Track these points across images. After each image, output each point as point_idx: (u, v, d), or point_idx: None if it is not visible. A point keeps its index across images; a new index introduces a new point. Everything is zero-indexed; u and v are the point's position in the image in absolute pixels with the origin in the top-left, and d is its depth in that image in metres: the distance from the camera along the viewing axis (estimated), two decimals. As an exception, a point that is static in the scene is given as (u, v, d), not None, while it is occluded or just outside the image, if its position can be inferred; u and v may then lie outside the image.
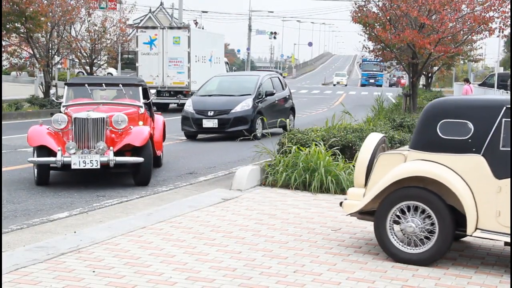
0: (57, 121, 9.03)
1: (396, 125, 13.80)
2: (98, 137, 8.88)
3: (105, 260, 5.43)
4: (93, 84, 10.38)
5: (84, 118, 8.89)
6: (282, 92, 17.88)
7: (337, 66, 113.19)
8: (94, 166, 8.66)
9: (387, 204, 5.68)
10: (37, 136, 8.89)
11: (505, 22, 16.59)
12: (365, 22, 18.35)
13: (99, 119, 8.93)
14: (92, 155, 8.70)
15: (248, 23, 72.22)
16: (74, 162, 8.62)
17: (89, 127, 8.87)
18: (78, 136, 8.86)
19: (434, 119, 5.67)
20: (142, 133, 9.09)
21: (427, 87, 34.44)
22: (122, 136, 9.08)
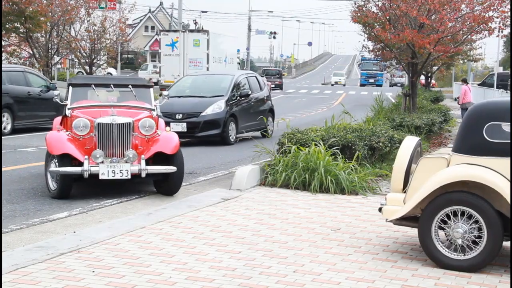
0: (79, 127, 8.17)
1: (395, 125, 13.79)
2: (124, 144, 8.12)
3: (104, 260, 5.43)
4: (100, 84, 9.34)
5: (109, 123, 8.12)
6: (260, 93, 16.68)
7: (336, 65, 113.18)
8: (124, 176, 7.91)
9: (432, 210, 5.52)
10: (59, 143, 8.01)
11: (505, 22, 16.57)
12: (364, 22, 18.35)
13: (125, 124, 8.17)
14: (122, 164, 7.92)
15: (247, 23, 72.24)
16: (103, 172, 7.84)
17: (113, 133, 8.11)
18: (102, 143, 8.08)
19: (480, 122, 5.50)
20: (173, 140, 8.32)
21: (427, 87, 34.43)
22: (149, 143, 8.31)
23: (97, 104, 8.86)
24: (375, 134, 10.82)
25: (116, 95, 9.33)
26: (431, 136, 15.98)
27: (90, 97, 9.12)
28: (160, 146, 8.24)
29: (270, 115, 16.68)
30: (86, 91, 9.18)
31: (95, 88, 9.10)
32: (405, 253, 5.97)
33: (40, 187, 8.82)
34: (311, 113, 26.79)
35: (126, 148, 8.11)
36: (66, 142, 8.03)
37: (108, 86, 9.24)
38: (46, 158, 8.34)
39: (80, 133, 8.17)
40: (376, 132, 10.98)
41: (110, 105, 8.88)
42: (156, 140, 8.34)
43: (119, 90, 9.29)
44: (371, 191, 8.99)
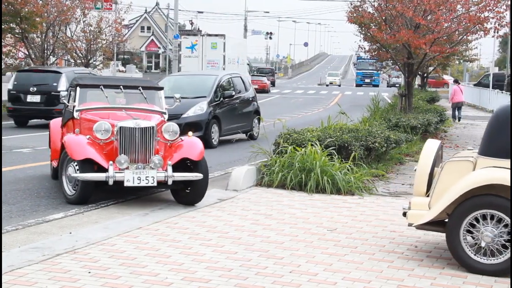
0: (101, 130, 7.68)
1: (391, 125, 13.81)
2: (147, 149, 7.68)
3: (100, 261, 5.42)
4: (109, 86, 8.89)
5: (132, 127, 7.67)
6: (245, 94, 16.04)
7: (333, 66, 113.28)
8: (150, 183, 7.47)
9: (460, 214, 5.42)
10: (80, 147, 7.56)
11: (500, 22, 16.61)
12: (360, 22, 18.37)
13: (148, 128, 7.72)
14: (148, 170, 7.48)
15: (243, 23, 72.23)
16: (128, 179, 7.40)
17: (136, 138, 7.66)
18: (124, 148, 7.63)
19: (506, 125, 5.40)
20: (198, 146, 7.88)
21: (423, 87, 34.49)
22: (171, 148, 7.88)
23: (107, 106, 8.52)
24: (371, 134, 10.83)
25: (125, 97, 8.95)
26: (427, 136, 15.99)
27: (97, 98, 8.73)
28: (185, 152, 7.78)
29: (255, 117, 16.16)
30: (94, 92, 8.78)
31: (104, 90, 8.71)
32: (401, 253, 5.97)
33: (36, 188, 8.80)
34: (307, 113, 26.80)
35: (149, 153, 7.67)
36: (88, 147, 7.57)
37: (117, 88, 8.88)
38: (62, 162, 7.88)
39: (101, 137, 7.69)
40: (372, 132, 10.99)
41: (121, 107, 8.54)
42: (179, 146, 7.87)
43: (129, 92, 8.90)
44: (367, 192, 9.00)
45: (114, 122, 7.77)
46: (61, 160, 7.95)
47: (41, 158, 11.30)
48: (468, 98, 38.09)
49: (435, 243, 6.37)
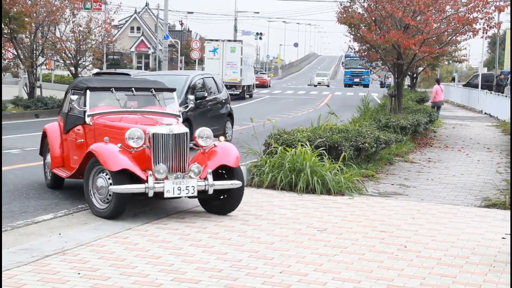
0: (133, 138, 7.08)
1: (381, 126, 13.85)
2: (182, 156, 7.17)
3: (90, 262, 5.40)
4: (121, 88, 8.39)
5: (165, 134, 7.13)
6: (218, 96, 15.52)
7: (323, 66, 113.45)
8: (190, 193, 7.02)
9: None
10: (115, 157, 6.94)
11: (489, 23, 16.70)
12: (350, 23, 18.41)
13: (182, 134, 7.20)
14: (187, 180, 7.01)
15: (234, 23, 72.18)
16: (168, 190, 6.91)
17: (169, 145, 7.13)
18: (157, 156, 7.10)
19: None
20: (233, 151, 7.45)
21: (412, 88, 34.59)
22: (204, 155, 7.41)
23: (120, 110, 8.09)
24: (361, 134, 10.86)
25: (137, 100, 8.49)
26: (416, 136, 16.06)
27: (107, 102, 8.26)
28: (223, 158, 7.33)
29: (229, 120, 15.58)
30: (103, 95, 8.29)
31: (116, 93, 8.24)
32: (391, 253, 5.99)
33: (25, 189, 8.75)
34: (297, 113, 26.83)
35: (183, 161, 7.17)
36: (123, 156, 6.97)
37: (129, 90, 8.39)
38: (88, 173, 7.23)
39: (135, 145, 7.08)
40: (362, 132, 11.02)
41: (136, 111, 8.14)
42: (213, 152, 7.40)
43: (141, 95, 8.46)
44: (357, 192, 9.01)
45: (145, 128, 7.18)
46: (87, 170, 7.24)
47: (31, 159, 11.25)
48: (457, 99, 38.27)
49: (424, 244, 6.39)
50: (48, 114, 22.38)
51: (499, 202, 8.53)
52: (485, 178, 10.79)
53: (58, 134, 8.79)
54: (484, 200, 8.74)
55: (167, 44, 39.15)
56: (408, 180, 10.45)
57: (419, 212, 7.92)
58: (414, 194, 9.21)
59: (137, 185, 6.87)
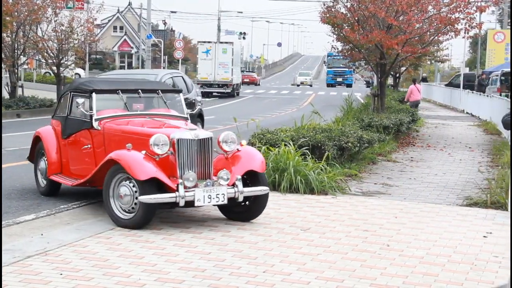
0: (158, 144, 6.69)
1: (364, 125, 13.91)
2: (206, 163, 6.83)
3: (72, 263, 5.37)
4: (127, 90, 8.05)
5: (190, 139, 6.78)
6: (187, 96, 14.90)
7: (306, 66, 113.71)
8: (221, 201, 6.69)
9: None
10: (142, 165, 6.54)
11: (470, 23, 16.84)
12: (333, 23, 18.45)
13: (207, 139, 6.87)
14: (217, 187, 6.68)
15: (217, 23, 72.12)
16: (198, 198, 6.57)
17: (194, 151, 6.78)
18: (182, 163, 6.74)
19: None
20: (258, 156, 7.20)
21: (395, 87, 34.78)
22: (228, 160, 7.07)
23: (129, 114, 7.77)
24: (344, 134, 10.90)
25: (143, 102, 8.17)
26: (399, 136, 16.16)
27: (112, 104, 7.91)
28: (249, 164, 7.00)
29: (199, 120, 15.22)
30: (108, 97, 7.94)
31: (123, 95, 7.90)
32: (373, 252, 6.01)
33: (6, 189, 8.68)
34: (280, 113, 26.86)
35: (208, 167, 6.83)
36: (150, 164, 6.59)
37: (135, 92, 8.06)
38: (108, 181, 6.83)
39: (160, 152, 6.69)
40: (345, 132, 11.06)
41: (145, 114, 7.84)
42: (237, 157, 7.06)
43: (147, 97, 8.18)
44: (341, 191, 9.04)
45: (169, 134, 6.83)
46: (107, 179, 6.84)
47: (12, 159, 11.15)
48: (439, 98, 38.52)
49: (407, 242, 6.43)
50: (30, 114, 22.21)
51: (480, 201, 8.60)
52: (466, 177, 10.87)
53: (54, 139, 8.35)
54: (466, 199, 8.81)
55: (150, 43, 39.21)
56: (391, 179, 10.50)
57: (401, 211, 7.96)
58: (397, 193, 9.26)
59: (167, 195, 6.48)
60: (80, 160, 7.90)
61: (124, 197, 6.66)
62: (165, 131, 6.97)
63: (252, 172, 6.99)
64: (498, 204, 8.40)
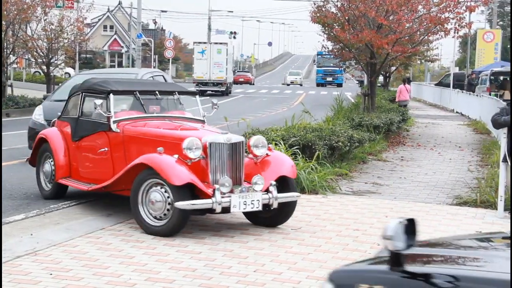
0: (192, 148, 6.43)
1: (355, 125, 13.93)
2: (238, 168, 6.63)
3: (62, 263, 5.35)
4: (144, 91, 7.76)
5: (222, 143, 6.57)
6: None
7: (297, 65, 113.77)
8: (255, 207, 6.45)
9: None
10: (178, 170, 6.29)
11: (460, 23, 16.91)
12: (324, 22, 18.48)
13: (239, 143, 6.67)
14: (252, 193, 6.45)
15: (207, 22, 72.05)
16: (234, 205, 6.34)
17: (225, 155, 6.57)
18: (214, 167, 6.52)
19: None
20: (289, 161, 7.04)
21: (385, 87, 34.86)
22: (257, 165, 6.86)
23: (148, 116, 7.50)
24: (334, 133, 10.91)
25: (159, 104, 7.90)
26: (389, 135, 16.20)
27: (133, 107, 7.68)
28: (280, 169, 6.81)
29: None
30: (128, 99, 7.72)
31: (141, 97, 7.62)
32: (364, 251, 6.03)
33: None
34: (271, 113, 26.86)
35: (239, 173, 6.64)
36: (184, 169, 6.33)
37: (152, 94, 7.81)
38: (138, 186, 6.52)
39: (193, 156, 6.43)
40: (335, 131, 11.08)
41: (164, 116, 7.60)
42: (267, 162, 6.86)
43: (164, 98, 7.94)
44: (331, 190, 9.06)
45: (200, 137, 6.59)
46: (136, 184, 6.53)
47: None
48: (429, 98, 38.64)
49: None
50: (19, 113, 22.10)
51: (470, 200, 8.63)
52: (456, 176, 10.92)
53: (62, 141, 8.02)
54: (456, 198, 8.85)
55: (141, 43, 39.03)
56: (381, 178, 10.53)
57: (392, 211, 7.99)
58: (387, 193, 9.28)
59: (203, 201, 6.25)
60: (94, 163, 7.58)
61: (155, 203, 6.38)
62: (197, 134, 6.72)
63: (282, 177, 6.78)
64: (487, 203, 8.44)
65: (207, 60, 40.76)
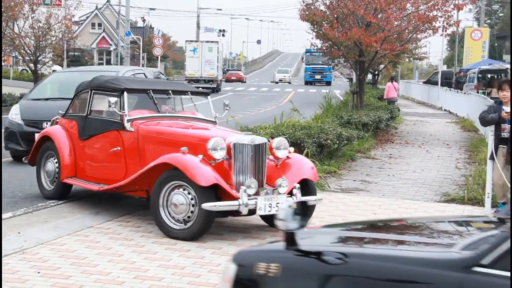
0: (217, 149, 6.27)
1: (343, 122, 13.96)
2: (261, 169, 6.46)
3: (50, 261, 5.33)
4: (157, 90, 7.60)
5: (247, 144, 6.39)
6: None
7: (285, 63, 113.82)
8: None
9: None
10: (204, 171, 6.11)
11: (448, 21, 16.99)
12: (313, 20, 18.52)
13: (262, 145, 6.50)
14: (276, 196, 6.33)
15: (196, 20, 71.94)
16: (260, 207, 6.19)
17: (249, 157, 6.39)
18: (238, 169, 6.36)
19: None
20: (309, 164, 6.94)
21: (374, 85, 34.96)
22: (278, 167, 6.71)
23: (162, 115, 7.32)
24: (323, 131, 10.93)
25: (171, 104, 7.75)
26: (378, 133, 16.25)
27: (146, 106, 7.45)
28: (302, 172, 6.68)
29: None
30: (141, 98, 7.51)
31: (154, 95, 7.43)
32: (353, 248, 6.04)
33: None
34: (260, 110, 26.86)
35: (261, 175, 6.46)
36: (210, 170, 6.17)
37: (165, 93, 7.67)
38: (159, 188, 6.31)
39: (217, 156, 6.26)
40: (324, 129, 11.10)
41: (177, 116, 7.44)
42: (288, 165, 6.73)
43: (177, 98, 7.77)
44: (320, 188, 9.07)
45: (224, 138, 6.44)
46: (158, 185, 6.32)
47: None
48: (417, 96, 38.80)
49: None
50: (6, 111, 21.94)
51: (458, 197, 8.68)
52: (444, 174, 10.97)
53: (67, 140, 7.80)
54: (444, 196, 8.89)
55: (129, 40, 38.89)
56: (370, 176, 10.56)
57: (380, 208, 8.01)
58: (376, 190, 9.31)
59: (230, 202, 6.09)
60: (104, 163, 7.34)
61: (178, 206, 6.19)
62: (221, 134, 6.59)
63: (303, 180, 6.65)
64: (475, 200, 8.50)
65: (198, 58, 42.27)
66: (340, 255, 2.67)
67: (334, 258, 2.66)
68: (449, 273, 2.32)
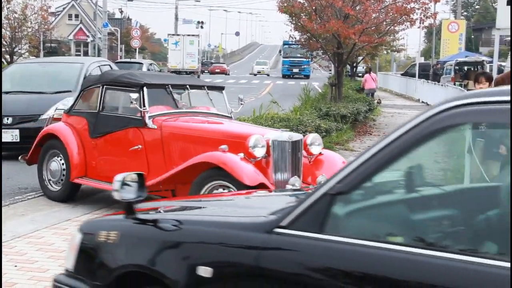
0: (258, 146, 6.08)
1: (322, 114, 14.01)
2: (297, 166, 6.28)
3: (28, 254, 5.29)
4: (175, 85, 7.32)
5: (285, 141, 6.19)
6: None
7: (264, 55, 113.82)
8: None
9: None
10: (249, 170, 5.89)
11: (425, 13, 17.12)
12: (291, 12, 18.52)
13: (299, 141, 6.30)
14: None
15: (175, 12, 71.58)
16: None
17: (287, 154, 6.20)
18: (277, 166, 6.16)
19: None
20: (340, 159, 6.71)
21: (352, 77, 35.11)
22: (311, 164, 6.52)
23: (181, 111, 7.07)
24: (302, 123, 10.96)
25: (189, 99, 7.48)
26: (356, 125, 16.34)
27: (163, 101, 7.15)
28: (336, 168, 6.36)
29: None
30: (158, 93, 7.12)
31: (173, 90, 7.18)
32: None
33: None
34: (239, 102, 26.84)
35: (297, 171, 6.26)
36: (255, 169, 5.94)
37: (183, 88, 7.40)
38: (197, 188, 5.99)
39: (258, 154, 6.07)
40: (303, 121, 11.13)
41: (198, 112, 7.23)
42: (320, 161, 6.56)
43: (194, 93, 7.50)
44: (299, 180, 9.09)
45: (263, 134, 6.26)
46: (195, 186, 6.01)
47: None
48: (395, 88, 39.07)
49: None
50: None
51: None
52: (422, 165, 11.05)
53: (75, 138, 7.37)
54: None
55: (107, 32, 38.53)
56: (348, 167, 10.60)
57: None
58: (354, 181, 9.35)
59: None
60: (123, 162, 6.89)
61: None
62: (260, 131, 6.44)
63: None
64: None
65: (180, 50, 44.99)
66: (175, 222, 2.92)
67: (170, 225, 2.91)
68: (254, 234, 2.62)
